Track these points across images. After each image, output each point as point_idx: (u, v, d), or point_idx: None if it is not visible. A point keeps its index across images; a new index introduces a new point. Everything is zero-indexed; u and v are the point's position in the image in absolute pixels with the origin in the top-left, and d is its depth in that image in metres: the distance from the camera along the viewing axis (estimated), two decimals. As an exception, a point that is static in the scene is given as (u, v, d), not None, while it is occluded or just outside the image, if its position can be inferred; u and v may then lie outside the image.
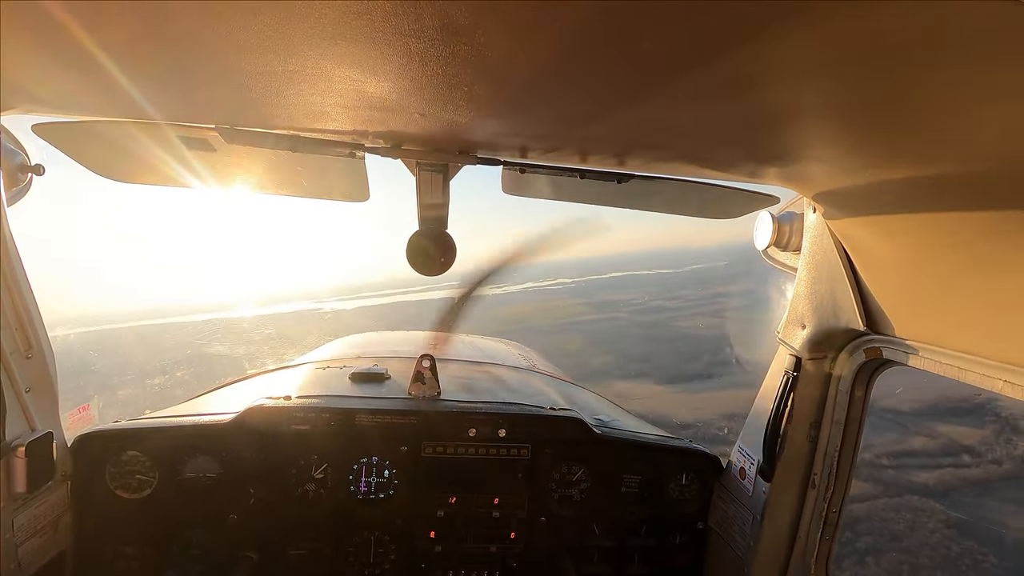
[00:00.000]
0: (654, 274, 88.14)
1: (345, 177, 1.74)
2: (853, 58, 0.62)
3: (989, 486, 12.38)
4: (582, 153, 1.40)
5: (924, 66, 0.62)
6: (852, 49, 0.60)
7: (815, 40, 0.59)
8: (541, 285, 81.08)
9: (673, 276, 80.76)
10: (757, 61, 0.66)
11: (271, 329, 34.43)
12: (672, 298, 49.59)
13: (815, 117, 0.88)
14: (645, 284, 71.63)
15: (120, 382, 14.21)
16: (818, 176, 1.30)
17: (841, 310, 1.56)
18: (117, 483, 1.91)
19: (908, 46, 0.57)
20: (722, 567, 2.13)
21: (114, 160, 1.65)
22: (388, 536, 2.09)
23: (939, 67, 0.61)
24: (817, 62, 0.65)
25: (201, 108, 1.20)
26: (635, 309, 46.42)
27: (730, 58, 0.65)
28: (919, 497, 11.75)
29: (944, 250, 1.16)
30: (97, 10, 0.67)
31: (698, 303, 44.59)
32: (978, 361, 1.19)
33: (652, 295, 54.54)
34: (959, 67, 0.61)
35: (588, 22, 0.59)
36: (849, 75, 0.67)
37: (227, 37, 0.72)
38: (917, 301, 1.35)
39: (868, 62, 0.62)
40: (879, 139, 0.93)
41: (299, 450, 2.02)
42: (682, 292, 52.95)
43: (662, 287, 63.13)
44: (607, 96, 0.88)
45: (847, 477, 1.77)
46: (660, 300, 49.83)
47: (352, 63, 0.79)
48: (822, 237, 1.58)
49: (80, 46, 0.78)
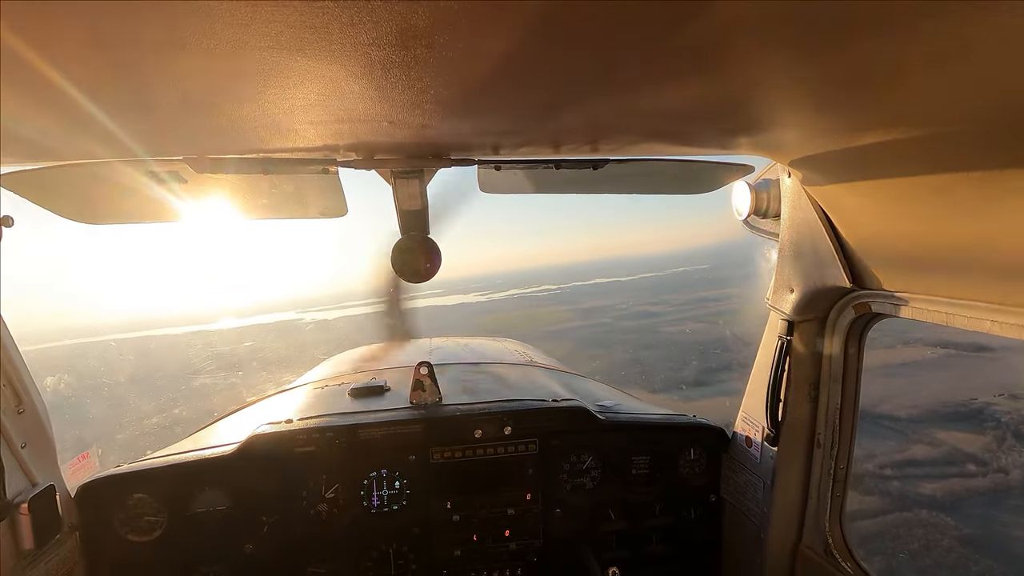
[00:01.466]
0: (638, 279, 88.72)
1: (321, 194, 1.72)
2: (811, 27, 0.62)
3: (998, 496, 11.92)
4: (555, 144, 1.39)
5: (872, 32, 0.63)
6: (809, 19, 0.60)
7: (774, 13, 0.59)
8: (526, 292, 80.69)
9: (656, 280, 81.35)
10: (717, 34, 0.65)
11: (251, 341, 32.76)
12: (656, 303, 49.57)
13: (781, 86, 0.88)
14: (629, 289, 71.89)
15: (118, 425, 13.19)
16: (790, 142, 1.30)
17: (826, 270, 1.57)
18: (127, 528, 1.90)
19: (859, 14, 0.58)
20: (738, 536, 2.14)
21: (83, 204, 1.63)
22: (407, 547, 2.08)
23: (887, 32, 0.63)
24: (777, 32, 0.64)
25: (167, 141, 1.18)
26: (620, 314, 46.33)
27: (690, 34, 0.65)
28: (928, 511, 11.22)
29: (920, 201, 1.17)
30: (51, 51, 0.65)
31: (683, 307, 44.58)
32: (964, 304, 1.21)
33: (636, 300, 54.55)
34: (905, 31, 0.62)
35: (545, 13, 0.59)
36: (809, 43, 0.68)
37: (185, 67, 0.71)
38: (899, 253, 1.37)
39: (825, 29, 0.63)
40: (848, 102, 0.93)
41: (307, 472, 2.01)
42: (666, 296, 52.98)
43: (646, 291, 63.37)
44: (572, 84, 0.87)
45: (851, 433, 1.78)
46: (645, 304, 49.75)
47: (315, 78, 0.79)
48: (800, 200, 1.60)
49: (37, 91, 0.78)
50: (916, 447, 14.01)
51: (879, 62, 0.72)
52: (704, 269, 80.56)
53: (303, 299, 73.60)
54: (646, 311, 46.01)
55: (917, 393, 16.82)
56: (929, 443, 14.12)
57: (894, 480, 12.52)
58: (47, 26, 0.58)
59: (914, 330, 23.43)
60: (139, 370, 20.33)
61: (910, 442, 14.23)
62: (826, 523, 1.82)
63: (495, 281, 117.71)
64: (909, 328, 23.71)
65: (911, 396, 16.42)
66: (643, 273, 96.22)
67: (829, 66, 0.75)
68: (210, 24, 0.59)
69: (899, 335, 22.64)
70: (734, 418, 2.13)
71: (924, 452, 13.77)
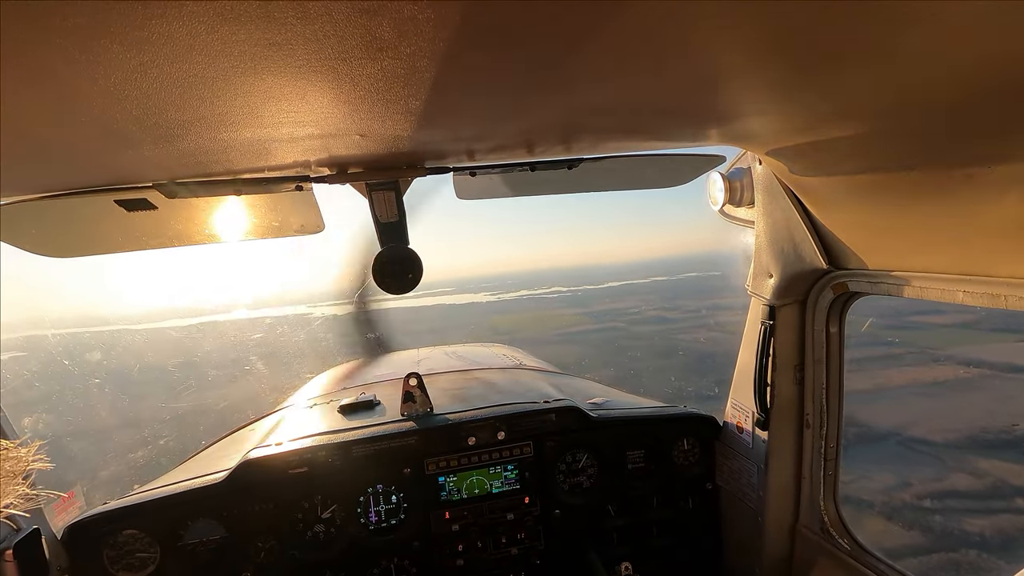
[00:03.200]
0: (649, 282, 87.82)
1: (296, 212, 1.71)
2: (777, 17, 0.62)
3: (1057, 538, 10.96)
4: (528, 146, 1.38)
5: (840, 22, 0.63)
6: (774, 8, 0.60)
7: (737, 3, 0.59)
8: (536, 293, 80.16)
9: (667, 283, 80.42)
10: (680, 28, 0.66)
11: (260, 333, 32.52)
12: (671, 308, 48.70)
13: (748, 76, 0.89)
14: (640, 292, 70.98)
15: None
16: (760, 131, 1.31)
17: (803, 253, 1.60)
18: (118, 566, 1.85)
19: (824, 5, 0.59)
20: (737, 521, 2.16)
21: (52, 238, 1.58)
22: (408, 560, 2.05)
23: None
24: (742, 23, 0.65)
25: (134, 168, 1.16)
26: (634, 319, 45.42)
27: (654, 29, 0.65)
28: (978, 552, 10.37)
29: (889, 180, 1.20)
30: (7, 78, 0.62)
31: (697, 314, 43.63)
32: (936, 277, 1.25)
33: (650, 304, 53.70)
34: None
35: (508, 15, 0.59)
36: (776, 33, 0.68)
37: (148, 92, 0.70)
38: (872, 233, 1.40)
39: (791, 19, 0.63)
40: (813, 91, 0.94)
41: (301, 494, 1.97)
42: (680, 302, 52.06)
43: (658, 295, 62.49)
44: (540, 86, 0.87)
45: (838, 411, 1.80)
46: (658, 310, 48.92)
47: (281, 96, 0.77)
48: (773, 187, 1.62)
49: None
50: (956, 476, 12.64)
51: (841, 49, 0.73)
52: (716, 276, 79.61)
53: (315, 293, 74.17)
54: (660, 316, 45.15)
55: (953, 416, 15.73)
56: (971, 473, 12.73)
57: (935, 514, 11.53)
58: (8, 62, 0.56)
59: (944, 346, 22.35)
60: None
61: (949, 470, 13.02)
62: (820, 502, 1.84)
63: (505, 281, 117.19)
64: (939, 345, 22.56)
65: (946, 419, 15.37)
66: (655, 276, 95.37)
67: (795, 55, 0.76)
68: (171, 48, 0.57)
69: (928, 352, 21.71)
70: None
71: (966, 483, 12.38)
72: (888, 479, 12.84)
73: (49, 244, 1.62)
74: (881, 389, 18.72)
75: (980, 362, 19.61)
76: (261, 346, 20.09)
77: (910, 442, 14.42)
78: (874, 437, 15.07)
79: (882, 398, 17.96)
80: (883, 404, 17.34)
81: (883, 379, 19.49)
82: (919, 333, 24.03)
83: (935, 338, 23.62)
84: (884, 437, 15.07)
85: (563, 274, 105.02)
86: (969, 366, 19.64)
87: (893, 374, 20.04)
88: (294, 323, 42.77)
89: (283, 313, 56.57)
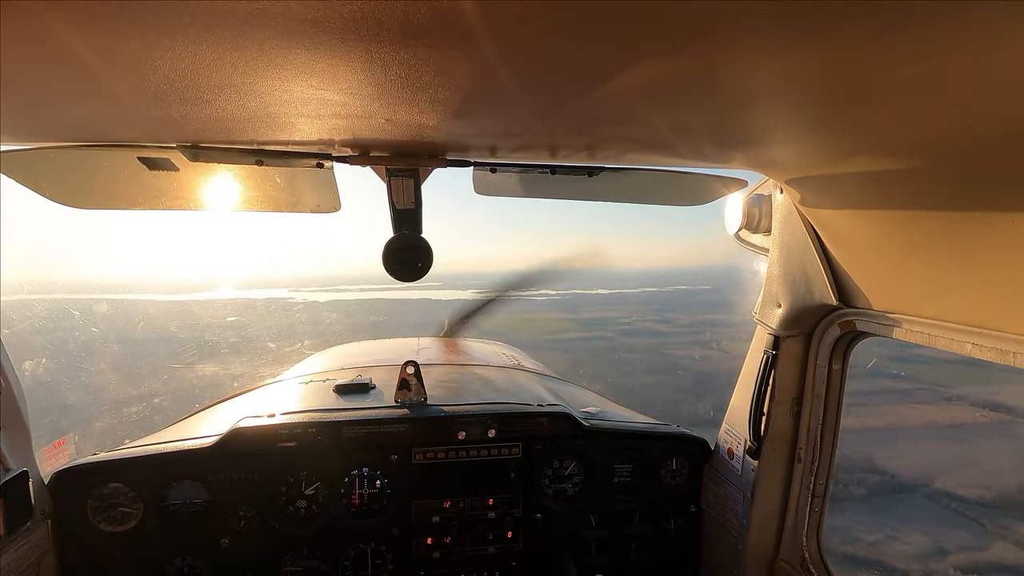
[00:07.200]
0: (639, 292, 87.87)
1: (314, 188, 1.71)
2: (810, 48, 0.62)
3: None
4: (551, 149, 1.39)
5: (870, 55, 0.62)
6: (807, 39, 0.60)
7: (774, 32, 0.59)
8: (523, 294, 79.87)
9: (657, 295, 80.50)
10: (719, 52, 0.65)
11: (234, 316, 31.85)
12: (662, 321, 48.50)
13: (778, 105, 0.88)
14: (631, 302, 71.04)
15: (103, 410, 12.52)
16: (784, 160, 1.31)
17: (814, 287, 1.59)
18: (100, 517, 1.86)
19: (856, 34, 0.58)
20: (717, 547, 2.15)
21: (72, 187, 1.60)
22: (384, 546, 2.05)
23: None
24: (777, 52, 0.64)
25: (160, 128, 1.17)
26: (623, 329, 45.28)
27: (693, 50, 0.65)
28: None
29: (910, 220, 1.18)
30: (44, 30, 0.64)
31: (690, 328, 43.52)
32: (945, 326, 1.23)
33: (639, 314, 53.67)
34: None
35: (546, 18, 0.59)
36: (807, 63, 0.67)
37: (182, 53, 0.70)
38: (885, 273, 1.39)
39: (824, 50, 0.62)
40: (842, 125, 0.94)
41: (288, 468, 1.98)
42: (671, 315, 51.89)
43: (648, 306, 62.44)
44: (571, 91, 0.87)
45: (831, 449, 1.79)
46: (649, 321, 48.82)
47: (313, 72, 0.78)
48: (791, 217, 1.61)
49: (30, 70, 0.77)
50: (1000, 545, 11.55)
51: (876, 85, 0.72)
52: (707, 291, 79.87)
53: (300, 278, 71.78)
54: (651, 328, 44.83)
55: (981, 467, 14.60)
56: (1016, 543, 11.68)
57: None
58: (50, 6, 0.57)
59: (953, 384, 21.29)
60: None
61: (990, 537, 11.86)
62: (803, 537, 1.83)
63: (493, 280, 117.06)
64: (951, 382, 21.40)
65: (975, 470, 14.32)
66: (645, 287, 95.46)
67: (831, 87, 0.75)
68: (211, 14, 0.58)
69: (938, 390, 20.54)
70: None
71: (1014, 555, 11.33)
72: (920, 541, 11.83)
73: (68, 193, 1.62)
74: (896, 428, 17.90)
75: (998, 405, 18.68)
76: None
77: (938, 496, 13.51)
78: (898, 488, 14.21)
79: (899, 439, 17.11)
80: (902, 447, 16.46)
81: (896, 417, 18.69)
82: (925, 367, 23.00)
83: (942, 373, 22.57)
84: (909, 489, 14.20)
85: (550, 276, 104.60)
86: (986, 408, 18.79)
87: (906, 412, 19.32)
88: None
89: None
